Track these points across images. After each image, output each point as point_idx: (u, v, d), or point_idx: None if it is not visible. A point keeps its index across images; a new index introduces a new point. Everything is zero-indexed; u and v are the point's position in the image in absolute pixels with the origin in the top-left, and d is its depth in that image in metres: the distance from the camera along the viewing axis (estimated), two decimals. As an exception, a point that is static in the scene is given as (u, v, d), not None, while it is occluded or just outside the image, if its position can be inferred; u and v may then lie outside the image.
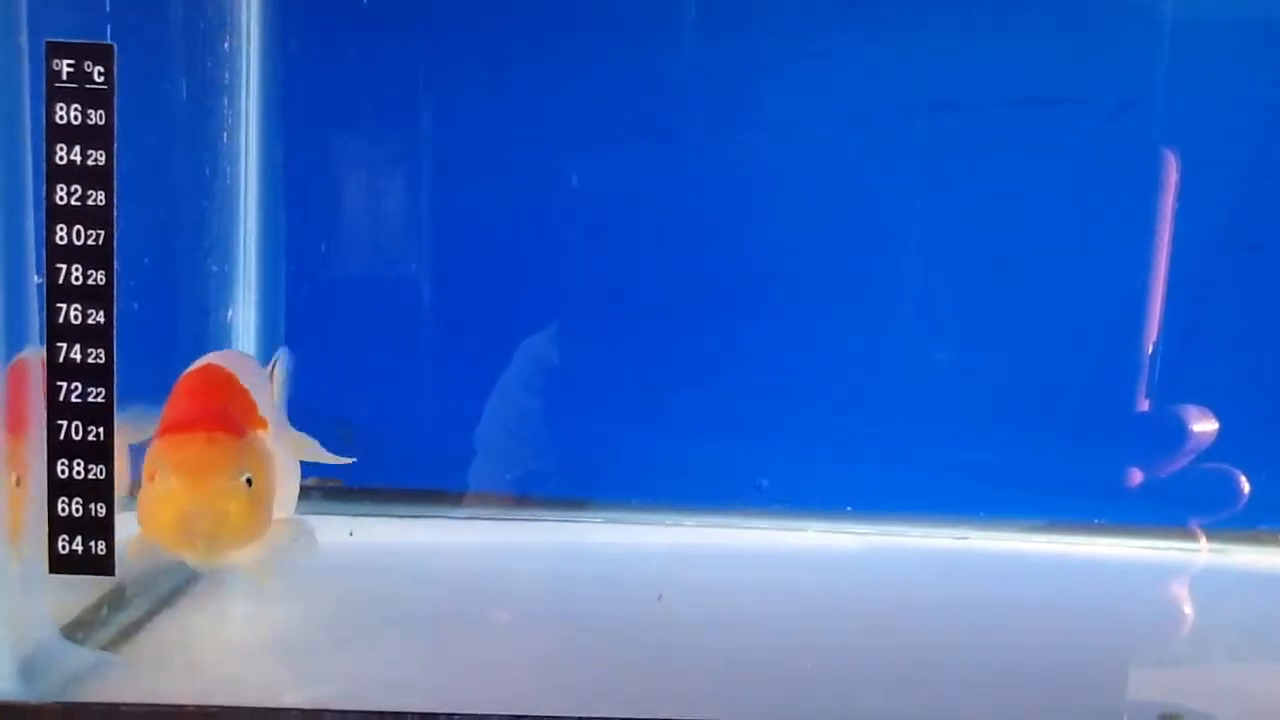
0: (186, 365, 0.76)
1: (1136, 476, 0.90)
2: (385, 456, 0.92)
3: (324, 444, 0.90)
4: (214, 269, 0.84)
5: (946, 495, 0.92)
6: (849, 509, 0.93)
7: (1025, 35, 0.90)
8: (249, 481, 0.61)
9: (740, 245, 0.93)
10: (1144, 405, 0.91)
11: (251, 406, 0.67)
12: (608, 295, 0.93)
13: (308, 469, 0.90)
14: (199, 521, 0.59)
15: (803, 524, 0.93)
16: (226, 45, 0.83)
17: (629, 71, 0.92)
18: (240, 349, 0.88)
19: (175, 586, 0.73)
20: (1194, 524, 0.92)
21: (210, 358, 0.68)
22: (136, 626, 0.67)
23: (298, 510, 0.73)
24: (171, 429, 0.62)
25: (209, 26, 0.81)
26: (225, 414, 0.64)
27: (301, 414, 0.92)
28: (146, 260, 0.70)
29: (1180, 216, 0.89)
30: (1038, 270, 0.92)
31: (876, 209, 0.92)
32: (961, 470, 0.90)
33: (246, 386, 0.67)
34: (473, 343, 0.93)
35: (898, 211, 0.92)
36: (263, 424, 0.67)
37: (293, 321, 0.91)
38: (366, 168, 0.90)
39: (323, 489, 0.91)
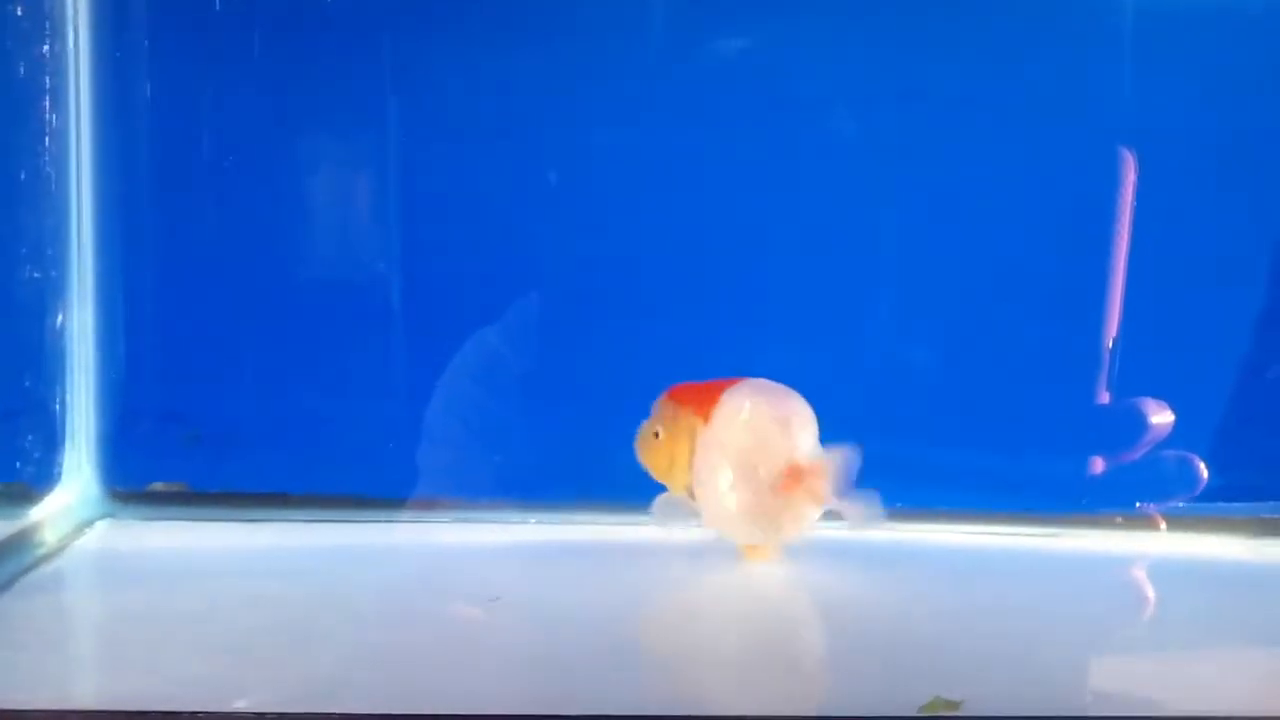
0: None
1: (1093, 466, 0.91)
2: (232, 458, 0.92)
3: (170, 446, 0.91)
4: (36, 275, 0.83)
5: (909, 491, 0.89)
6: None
7: (993, 34, 0.90)
8: None
9: (709, 243, 0.92)
10: (1098, 397, 0.91)
11: None
12: (568, 294, 0.92)
13: (158, 474, 0.91)
14: None
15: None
16: (47, 49, 0.83)
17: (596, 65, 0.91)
18: (76, 351, 0.88)
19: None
20: (1149, 508, 0.92)
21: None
22: None
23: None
24: None
25: (23, 31, 0.80)
26: None
27: (147, 417, 0.93)
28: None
29: (1137, 214, 0.89)
30: (999, 267, 0.91)
31: (847, 209, 0.91)
32: (919, 466, 0.90)
33: None
34: (335, 341, 0.93)
35: (866, 212, 0.91)
36: None
37: (131, 323, 0.90)
38: (208, 165, 0.90)
39: (169, 493, 0.91)
